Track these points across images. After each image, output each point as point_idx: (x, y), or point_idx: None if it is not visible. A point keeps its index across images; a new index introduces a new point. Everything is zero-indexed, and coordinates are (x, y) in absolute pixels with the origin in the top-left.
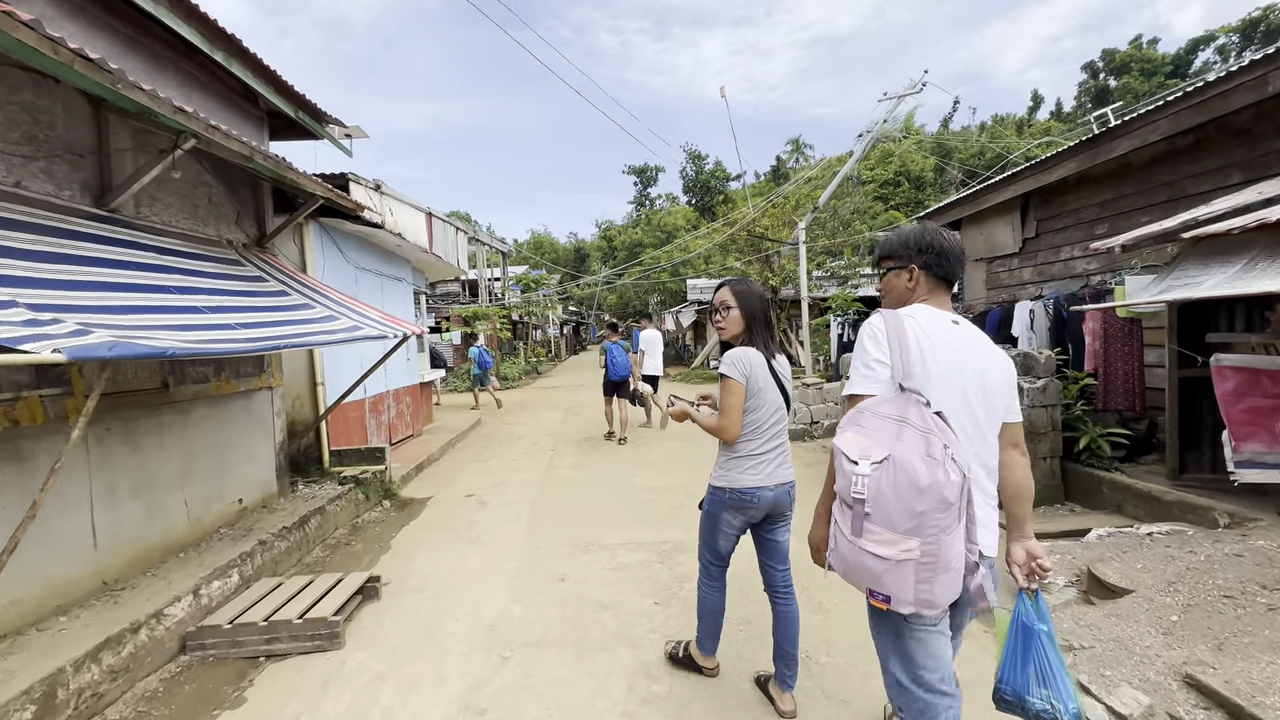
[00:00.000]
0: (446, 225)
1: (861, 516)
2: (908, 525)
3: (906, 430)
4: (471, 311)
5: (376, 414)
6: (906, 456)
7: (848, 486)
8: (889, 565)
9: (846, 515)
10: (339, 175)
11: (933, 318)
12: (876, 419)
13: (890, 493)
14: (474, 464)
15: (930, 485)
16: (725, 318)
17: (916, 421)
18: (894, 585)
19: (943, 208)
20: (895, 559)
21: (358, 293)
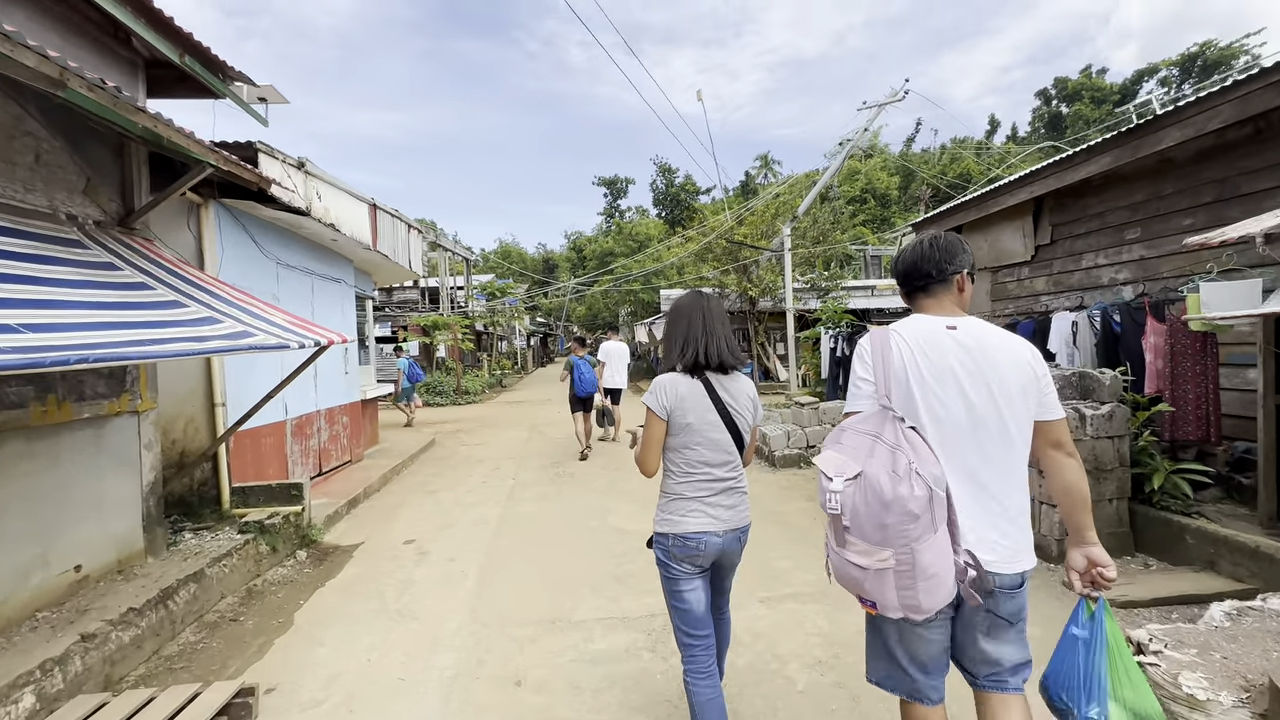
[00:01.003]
0: (396, 221)
1: (842, 529)
2: (878, 537)
3: (879, 447)
4: (431, 321)
5: (302, 438)
6: (875, 473)
7: (824, 502)
8: (868, 574)
9: (831, 527)
10: (244, 144)
11: (922, 326)
12: (855, 435)
13: (862, 507)
14: (420, 497)
15: (894, 499)
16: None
17: (889, 438)
18: (876, 592)
19: (941, 214)
20: (873, 568)
21: (279, 293)
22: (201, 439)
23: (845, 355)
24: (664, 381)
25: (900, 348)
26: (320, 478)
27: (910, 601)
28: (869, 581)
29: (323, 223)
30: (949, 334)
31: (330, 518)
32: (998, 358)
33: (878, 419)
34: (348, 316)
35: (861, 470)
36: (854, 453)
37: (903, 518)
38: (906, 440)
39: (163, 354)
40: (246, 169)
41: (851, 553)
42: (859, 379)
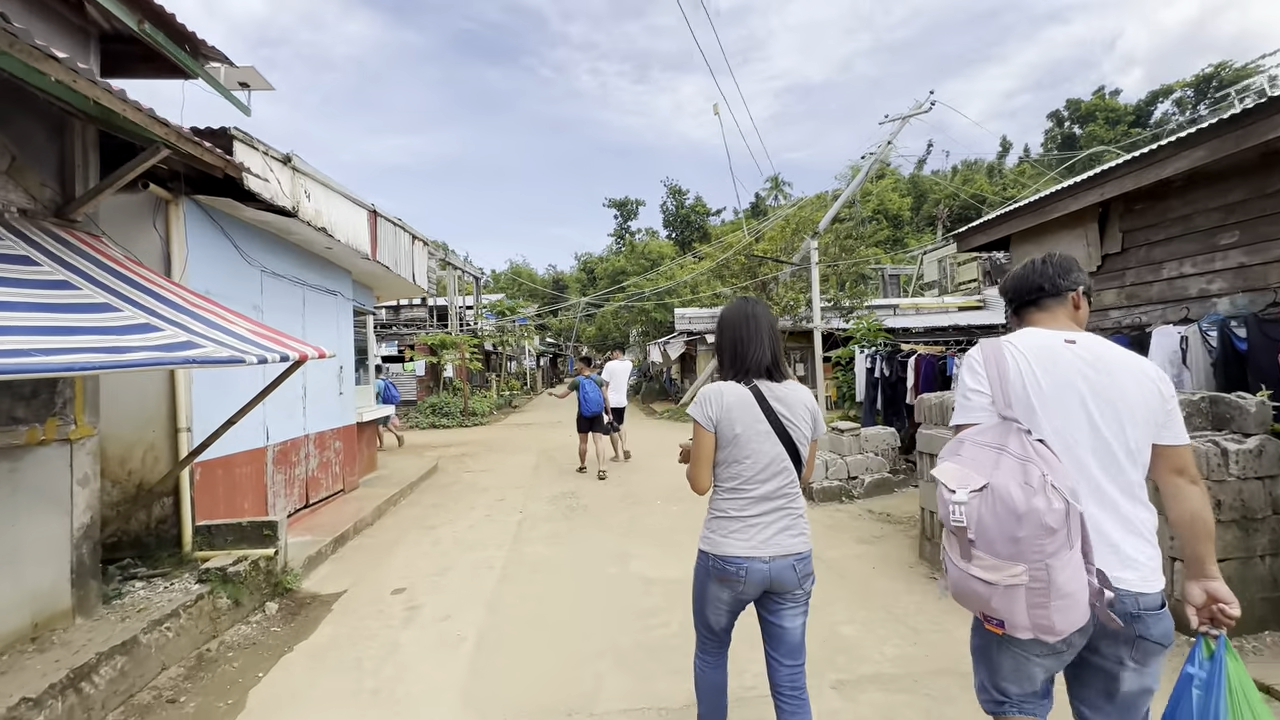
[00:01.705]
0: (399, 230)
1: (967, 544)
2: (1009, 551)
3: (1005, 458)
4: (439, 339)
5: (286, 466)
6: (1004, 484)
7: (947, 515)
8: (995, 590)
9: (953, 541)
10: (217, 130)
11: (1038, 338)
12: (975, 448)
13: (990, 519)
14: (416, 533)
15: (1028, 512)
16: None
17: (1015, 450)
18: (1004, 609)
19: (987, 223)
20: (1002, 584)
21: (263, 303)
22: (162, 469)
23: (885, 376)
24: (709, 391)
25: (1016, 359)
26: (307, 510)
27: (1043, 621)
28: (997, 598)
29: (313, 226)
30: (1068, 348)
31: (312, 559)
32: (1121, 375)
33: (999, 431)
34: (344, 332)
35: (988, 482)
36: (976, 464)
37: (1038, 531)
38: (1036, 453)
39: (45, 368)
40: (207, 149)
41: (977, 567)
42: (970, 390)
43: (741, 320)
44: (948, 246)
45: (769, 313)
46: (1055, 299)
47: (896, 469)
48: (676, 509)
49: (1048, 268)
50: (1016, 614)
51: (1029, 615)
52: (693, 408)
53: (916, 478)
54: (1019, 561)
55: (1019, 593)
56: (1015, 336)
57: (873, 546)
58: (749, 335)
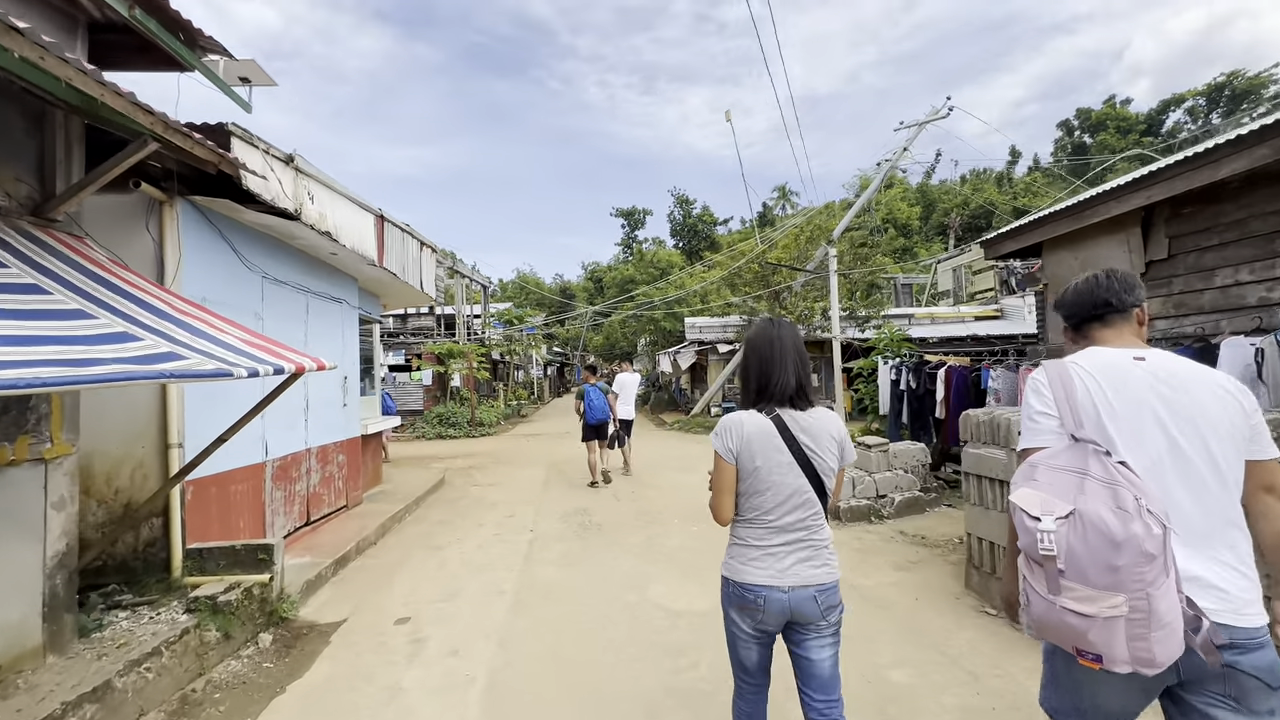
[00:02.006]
0: (406, 236)
1: (1056, 574)
2: (1106, 581)
3: (1089, 483)
4: (446, 348)
5: (286, 483)
6: (1094, 510)
7: (1033, 544)
8: (1093, 623)
9: (1038, 573)
10: (214, 126)
11: (1104, 357)
12: (1052, 472)
13: (1081, 548)
14: (422, 553)
15: (1127, 539)
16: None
17: (1099, 473)
18: (1103, 643)
19: (1015, 230)
20: (1101, 616)
21: (263, 310)
22: (151, 488)
23: (911, 388)
24: (729, 422)
25: (1083, 379)
26: (308, 528)
27: (1143, 654)
28: (1095, 632)
29: (318, 230)
30: (1138, 365)
31: (311, 583)
32: (1197, 391)
33: (1076, 454)
34: (349, 341)
35: (1074, 508)
36: (1057, 490)
37: (1137, 559)
38: (1123, 476)
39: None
40: (196, 140)
41: (1070, 599)
42: (1036, 413)
43: (765, 343)
44: (962, 255)
45: (796, 334)
46: (1121, 315)
47: (927, 487)
48: (696, 529)
49: (1113, 282)
50: (1116, 647)
51: (1129, 648)
52: (713, 438)
53: (948, 497)
54: (1118, 591)
55: (1118, 624)
56: (1080, 356)
57: (910, 573)
58: (773, 360)
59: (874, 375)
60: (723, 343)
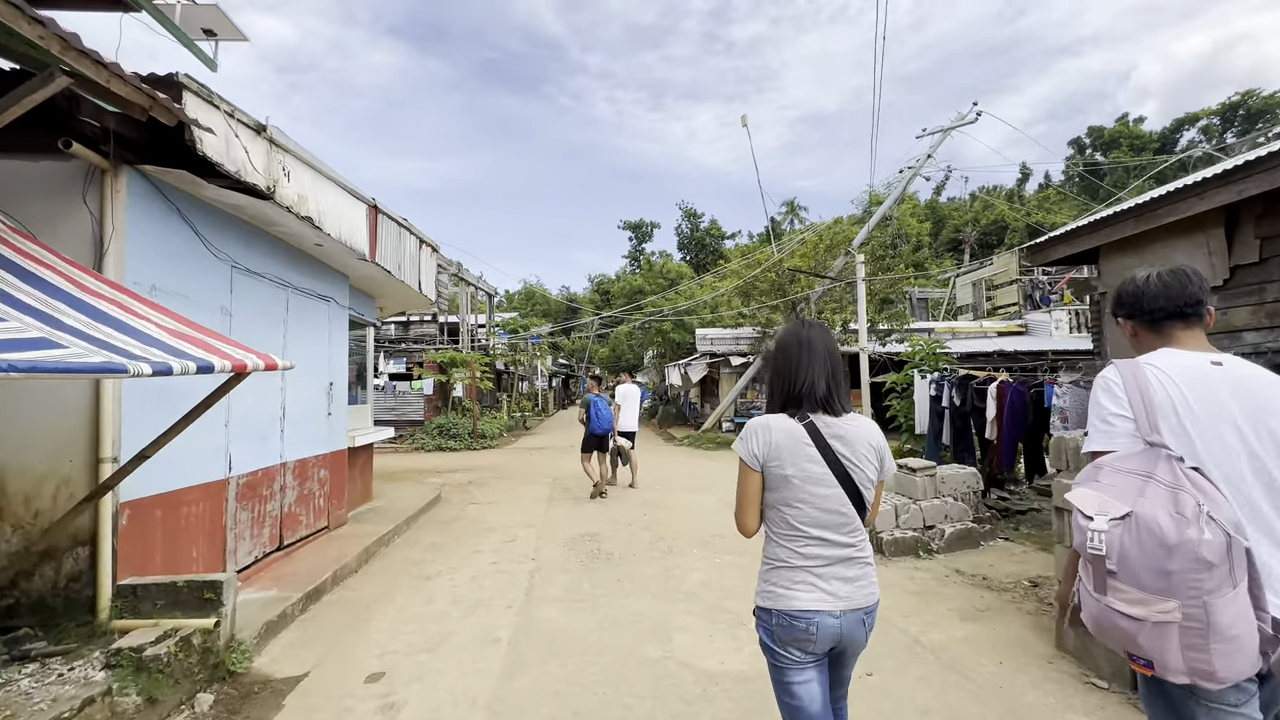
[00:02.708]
0: (404, 232)
1: (1104, 573)
2: (1159, 585)
3: (1152, 486)
4: (448, 357)
5: (255, 502)
6: (1150, 513)
7: (1083, 542)
8: (1143, 627)
9: (1088, 571)
10: (162, 77)
11: (1181, 361)
12: (1117, 475)
13: (1134, 550)
14: (408, 585)
15: (1180, 543)
16: None
17: (1165, 478)
18: (1154, 649)
19: (1068, 234)
20: (1151, 620)
21: (233, 305)
22: (73, 513)
23: (954, 405)
24: (756, 425)
25: (1162, 381)
26: (281, 553)
27: (1201, 665)
28: (1144, 636)
29: (296, 214)
30: (1216, 370)
31: (273, 624)
32: (1277, 399)
33: (1145, 458)
34: (337, 344)
35: (1131, 510)
36: (1118, 492)
37: (1192, 565)
38: (1190, 481)
39: None
40: (115, 73)
41: (1119, 601)
42: (1111, 415)
43: (795, 345)
44: (982, 269)
45: (828, 336)
46: (1199, 319)
47: (980, 517)
48: (720, 560)
49: (1201, 280)
50: (1168, 654)
51: (1184, 657)
52: (737, 443)
53: (1003, 529)
54: (1170, 597)
55: (1170, 630)
56: (1155, 358)
57: (982, 625)
58: (803, 362)
59: (908, 390)
60: (735, 355)
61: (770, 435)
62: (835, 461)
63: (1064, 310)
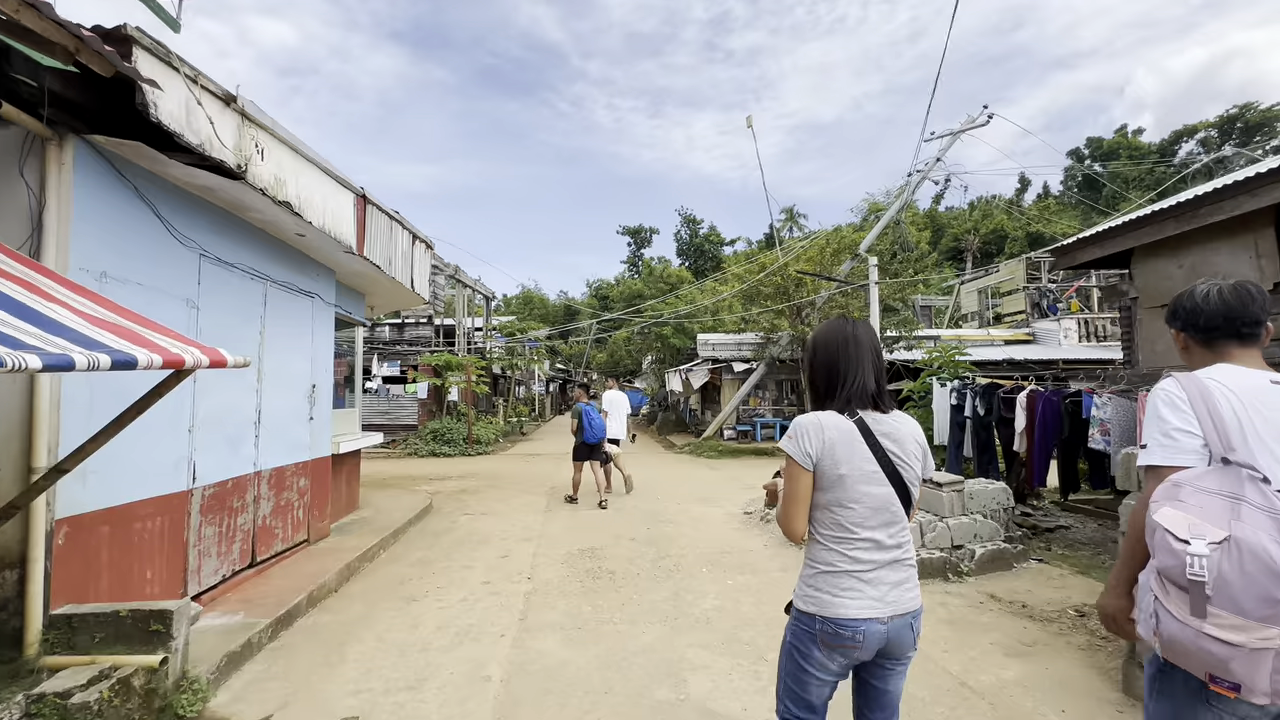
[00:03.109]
0: (395, 225)
1: (1203, 599)
2: (1264, 612)
3: (1245, 509)
4: (444, 360)
5: (223, 514)
6: (1255, 540)
7: (1180, 567)
8: (1239, 652)
9: (1178, 597)
10: (112, 30)
11: (1241, 378)
12: (1201, 494)
13: (1237, 577)
14: (391, 607)
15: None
16: None
17: (1257, 501)
18: (1245, 674)
19: (1099, 235)
20: (1249, 646)
21: (200, 298)
22: (7, 530)
23: (978, 416)
24: (807, 423)
25: (1228, 399)
26: (253, 570)
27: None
28: (1239, 662)
29: (273, 199)
30: (1275, 389)
31: (235, 656)
32: None
33: (1228, 478)
34: (321, 343)
35: (1229, 535)
36: (1207, 514)
37: None
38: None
39: None
40: (33, 4)
41: (1215, 627)
42: (1175, 429)
43: (840, 342)
44: (988, 276)
45: (873, 333)
46: (1255, 338)
47: (1011, 536)
48: (733, 582)
49: (1264, 299)
50: (1259, 679)
51: (1270, 680)
52: (785, 441)
53: (1035, 550)
54: (1273, 624)
55: (1266, 656)
56: (1217, 373)
57: (1033, 664)
58: (850, 359)
59: (925, 399)
60: (738, 361)
61: (824, 433)
62: (886, 459)
63: (1072, 319)
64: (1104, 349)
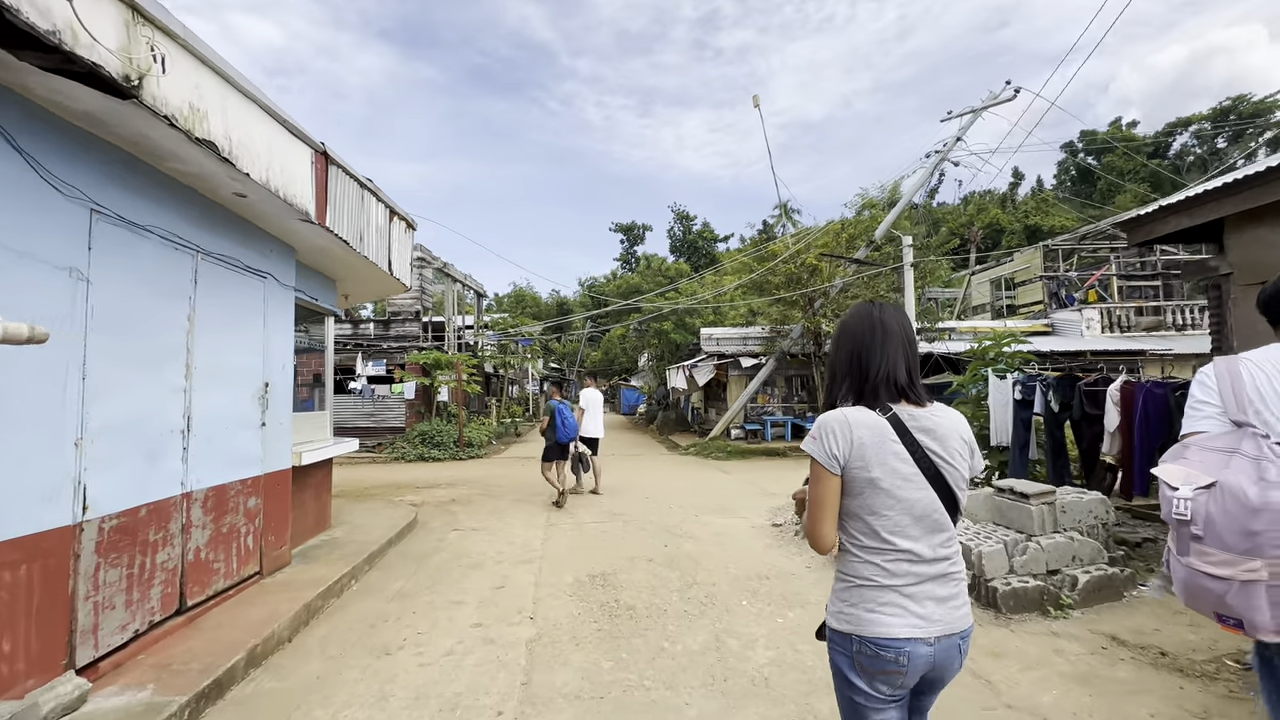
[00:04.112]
0: (367, 195)
1: (1189, 538)
2: (1244, 545)
3: (1236, 459)
4: (433, 358)
5: (132, 553)
6: (1235, 481)
7: (1169, 511)
8: (1230, 586)
9: (1173, 537)
10: None
11: (1275, 354)
12: (1203, 452)
13: (1219, 515)
14: (356, 664)
15: (1264, 505)
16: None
17: (1249, 450)
18: (1242, 608)
19: (1185, 203)
20: (1238, 579)
21: (90, 268)
22: None
23: (1052, 413)
24: (832, 421)
25: (1254, 374)
26: (181, 618)
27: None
28: (1233, 595)
29: (187, 133)
30: None
31: None
32: None
33: (1232, 436)
34: (277, 332)
35: (1216, 480)
36: (1204, 466)
37: (1277, 525)
38: (1274, 453)
39: None
40: None
41: (1204, 562)
42: (1198, 402)
43: (867, 329)
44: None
45: (903, 317)
46: None
47: (1114, 557)
48: (783, 620)
49: None
50: (1257, 613)
51: (1272, 615)
52: (809, 442)
53: (1140, 573)
54: (1255, 556)
55: (1258, 590)
56: (1256, 353)
57: None
58: (876, 344)
59: (978, 394)
60: (745, 356)
61: (852, 432)
62: (925, 459)
63: (1094, 309)
64: (1128, 340)
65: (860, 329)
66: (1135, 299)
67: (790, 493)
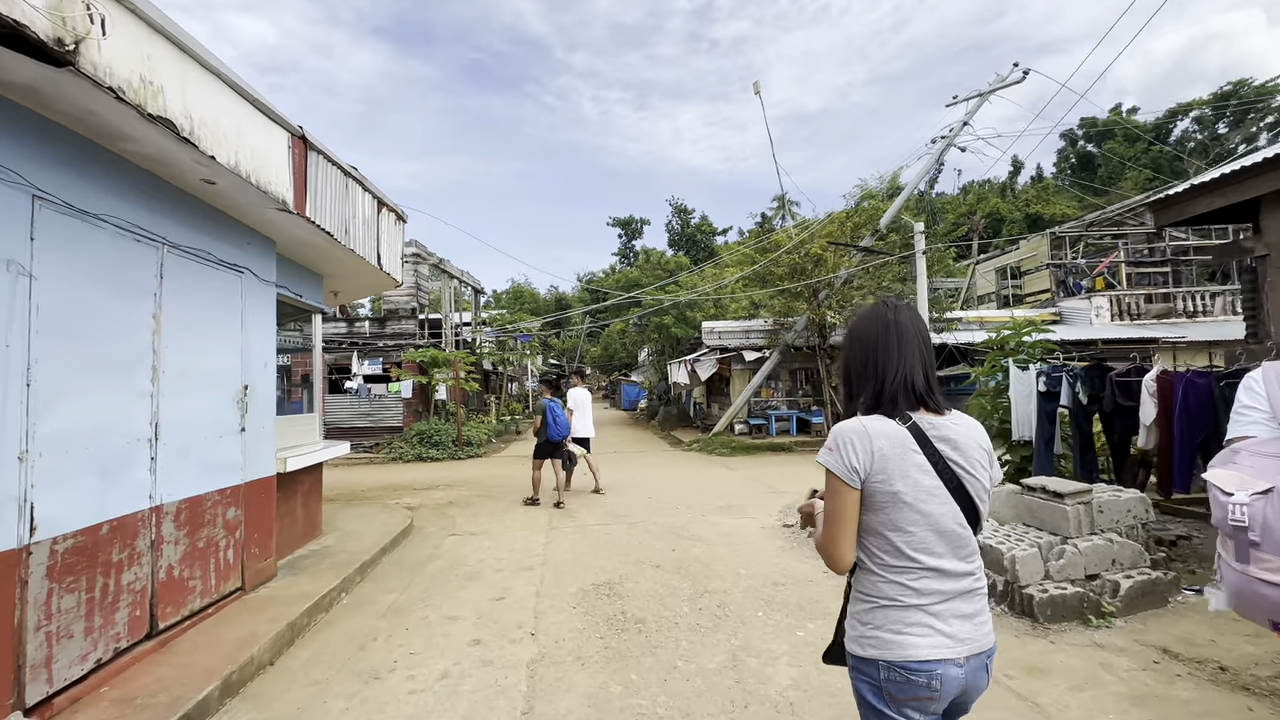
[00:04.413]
0: (351, 184)
1: (1246, 544)
2: None
3: None
4: (430, 356)
5: (91, 576)
6: None
7: (1224, 517)
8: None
9: (1228, 545)
10: None
11: None
12: (1255, 457)
13: (1277, 520)
14: (342, 690)
15: None
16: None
17: None
18: None
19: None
20: None
21: (34, 258)
22: None
23: (1080, 405)
24: (850, 432)
25: None
26: (152, 642)
27: None
28: None
29: (138, 108)
30: None
31: None
32: None
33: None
34: (257, 332)
35: (1273, 486)
36: (1258, 471)
37: None
38: None
39: None
40: None
41: (1264, 570)
42: (1245, 407)
43: (879, 329)
44: (1005, 255)
45: (918, 318)
46: None
47: (1156, 559)
48: (804, 633)
49: None
50: None
51: None
52: (825, 454)
53: (1184, 576)
54: None
55: None
56: None
57: None
58: (892, 349)
59: (996, 385)
60: (749, 349)
61: (872, 443)
62: (947, 470)
63: (1104, 296)
64: (1139, 327)
65: (874, 331)
66: (1144, 286)
67: (800, 491)
